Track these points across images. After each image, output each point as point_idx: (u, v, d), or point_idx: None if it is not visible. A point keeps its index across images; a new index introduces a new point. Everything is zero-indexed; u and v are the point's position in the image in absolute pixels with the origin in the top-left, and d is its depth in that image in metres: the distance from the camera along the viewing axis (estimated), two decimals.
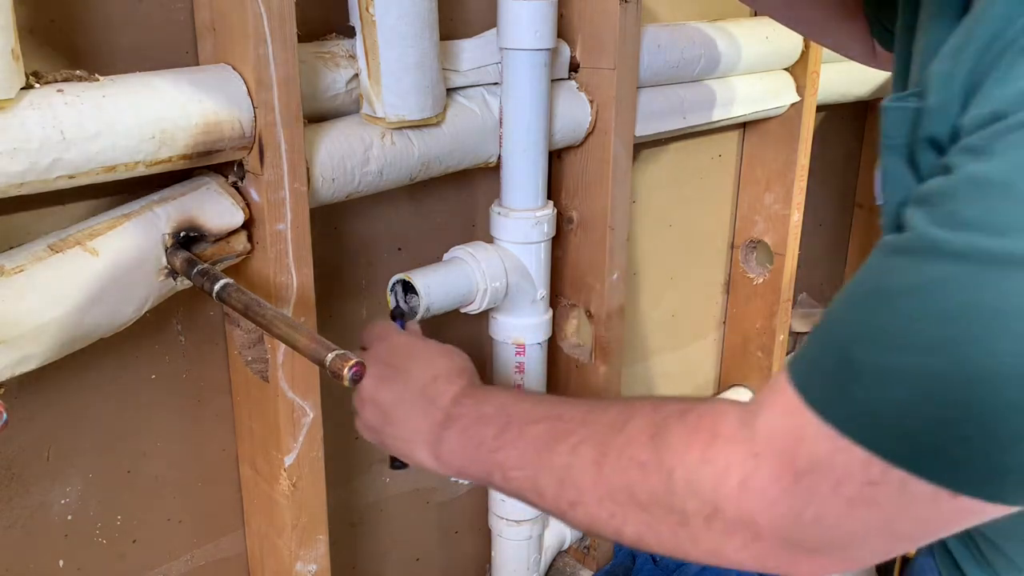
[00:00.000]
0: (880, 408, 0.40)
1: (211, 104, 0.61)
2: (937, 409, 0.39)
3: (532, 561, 1.04)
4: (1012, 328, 0.37)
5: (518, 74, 0.82)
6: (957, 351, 0.38)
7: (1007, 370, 0.37)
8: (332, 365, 0.53)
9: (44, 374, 0.61)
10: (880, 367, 0.41)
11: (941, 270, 0.39)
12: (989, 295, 0.37)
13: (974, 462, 0.39)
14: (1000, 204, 0.38)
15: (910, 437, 0.40)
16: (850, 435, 0.41)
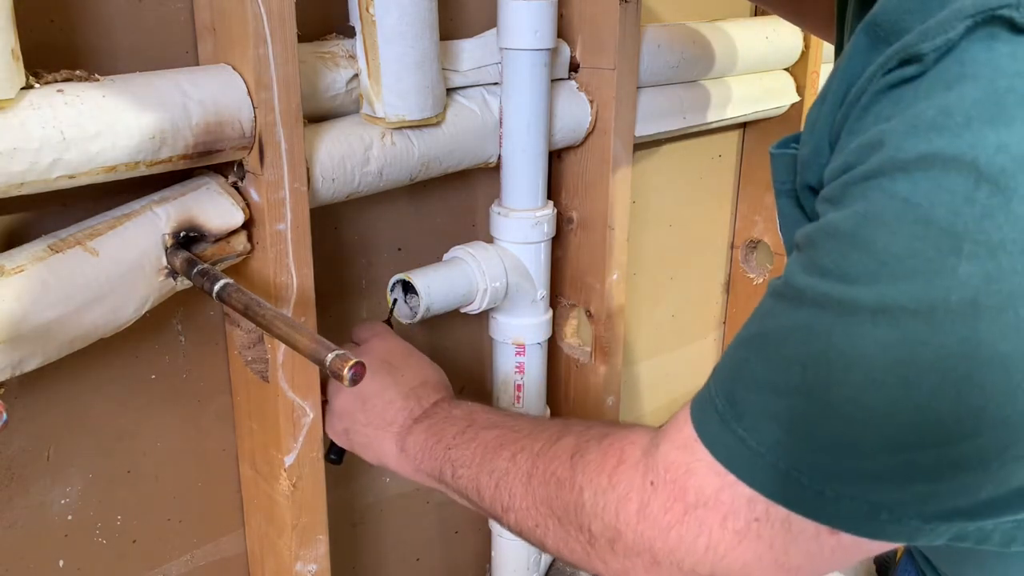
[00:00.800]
0: (758, 448, 0.43)
1: (211, 104, 0.61)
2: (808, 452, 0.41)
3: (532, 561, 1.04)
4: (858, 375, 0.39)
5: (518, 74, 0.82)
6: (820, 394, 0.40)
7: (861, 414, 0.39)
8: (332, 365, 0.53)
9: (44, 374, 0.61)
10: (757, 408, 0.43)
11: (804, 316, 0.41)
12: (841, 342, 0.39)
13: (847, 500, 0.41)
14: (849, 253, 0.40)
15: (786, 476, 0.42)
16: (734, 472, 0.44)
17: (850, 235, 0.40)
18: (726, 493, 0.44)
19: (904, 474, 0.39)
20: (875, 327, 0.38)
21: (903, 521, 0.41)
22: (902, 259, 0.37)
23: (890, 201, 0.38)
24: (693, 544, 0.45)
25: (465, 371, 1.02)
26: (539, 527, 0.55)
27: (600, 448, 0.52)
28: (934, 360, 0.37)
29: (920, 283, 0.37)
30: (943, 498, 0.40)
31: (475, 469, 0.61)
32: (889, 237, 0.38)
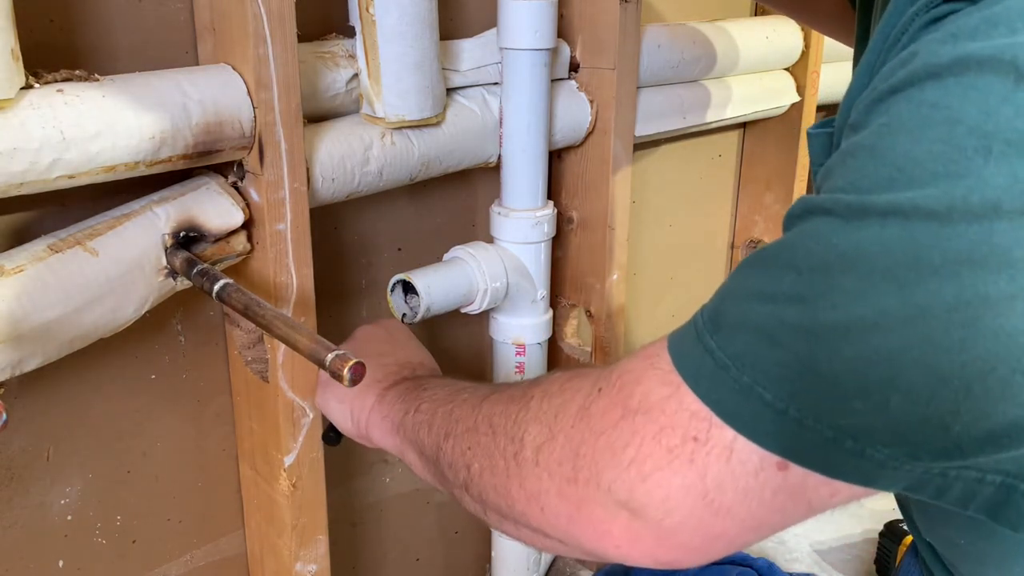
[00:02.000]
0: (724, 359, 0.39)
1: (211, 104, 0.61)
2: (775, 364, 0.38)
3: (532, 561, 1.04)
4: (852, 279, 0.36)
5: (518, 74, 0.82)
6: (808, 301, 0.37)
7: (844, 323, 0.36)
8: (332, 365, 0.52)
9: (44, 374, 0.61)
10: (736, 318, 0.40)
11: (808, 226, 0.39)
12: (842, 243, 0.37)
13: (809, 422, 0.37)
14: (865, 166, 0.38)
15: (747, 391, 0.38)
16: (687, 380, 0.40)
17: (868, 148, 0.38)
18: (671, 403, 0.40)
19: (879, 396, 0.36)
20: (883, 228, 0.36)
21: (865, 453, 0.37)
22: (922, 163, 0.35)
23: (916, 108, 0.36)
24: (619, 453, 0.41)
25: (465, 371, 1.02)
26: (471, 449, 0.51)
27: (566, 374, 0.48)
28: (940, 263, 0.34)
29: (940, 185, 0.35)
30: (915, 427, 0.36)
31: (432, 407, 0.59)
32: (911, 144, 0.36)
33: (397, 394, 0.65)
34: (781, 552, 1.28)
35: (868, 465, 0.37)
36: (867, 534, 1.30)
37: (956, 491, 0.38)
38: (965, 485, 0.38)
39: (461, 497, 0.54)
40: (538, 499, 0.45)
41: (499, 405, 0.50)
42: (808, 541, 1.30)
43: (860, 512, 1.36)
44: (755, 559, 1.14)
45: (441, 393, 0.59)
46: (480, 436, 0.50)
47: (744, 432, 0.39)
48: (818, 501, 0.40)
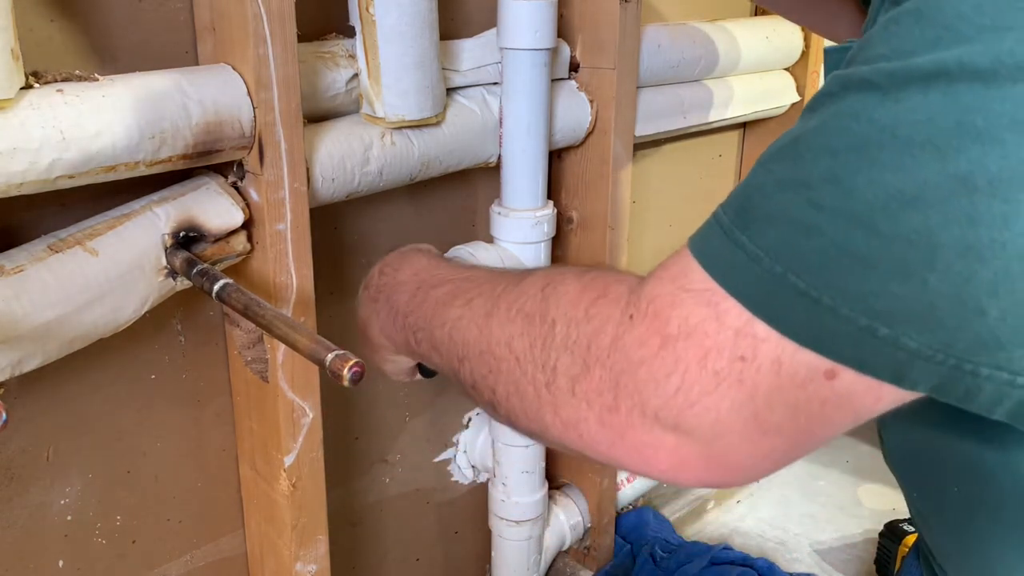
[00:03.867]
0: (757, 251, 0.37)
1: (211, 104, 0.61)
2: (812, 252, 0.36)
3: (532, 561, 1.04)
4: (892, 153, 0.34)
5: (518, 74, 0.82)
6: (845, 182, 0.35)
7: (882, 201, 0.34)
8: (332, 365, 0.52)
9: (44, 374, 0.61)
10: (769, 209, 0.37)
11: (846, 104, 0.36)
12: (883, 116, 0.34)
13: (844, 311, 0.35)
14: (909, 30, 0.35)
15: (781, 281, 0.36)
16: (721, 282, 0.38)
17: (912, 12, 0.35)
18: (712, 324, 0.38)
19: (916, 277, 0.33)
20: (926, 95, 0.33)
21: (899, 342, 0.35)
22: (969, 18, 0.33)
23: None
24: (663, 383, 0.39)
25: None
26: (492, 373, 0.48)
27: (580, 281, 0.45)
28: (983, 128, 0.32)
29: (985, 40, 0.32)
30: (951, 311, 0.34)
31: (429, 327, 0.55)
32: (960, 1, 0.33)
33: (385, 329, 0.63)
34: (781, 552, 1.28)
35: (901, 355, 0.35)
36: (867, 534, 1.30)
37: (985, 393, 0.36)
38: (995, 387, 0.36)
39: (489, 413, 0.52)
40: (576, 427, 0.44)
41: (514, 326, 0.47)
42: (808, 541, 1.30)
43: (860, 512, 1.36)
44: (755, 559, 1.14)
45: (423, 314, 0.56)
46: (500, 362, 0.47)
47: (780, 327, 0.37)
48: (864, 409, 0.38)
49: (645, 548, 1.16)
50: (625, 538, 1.19)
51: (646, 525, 1.20)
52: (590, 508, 1.11)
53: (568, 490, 1.12)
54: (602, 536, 1.13)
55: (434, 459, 1.02)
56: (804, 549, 1.28)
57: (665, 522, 1.23)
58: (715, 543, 1.17)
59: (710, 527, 1.34)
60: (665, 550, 1.15)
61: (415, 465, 1.00)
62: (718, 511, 1.37)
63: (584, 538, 1.13)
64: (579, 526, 1.11)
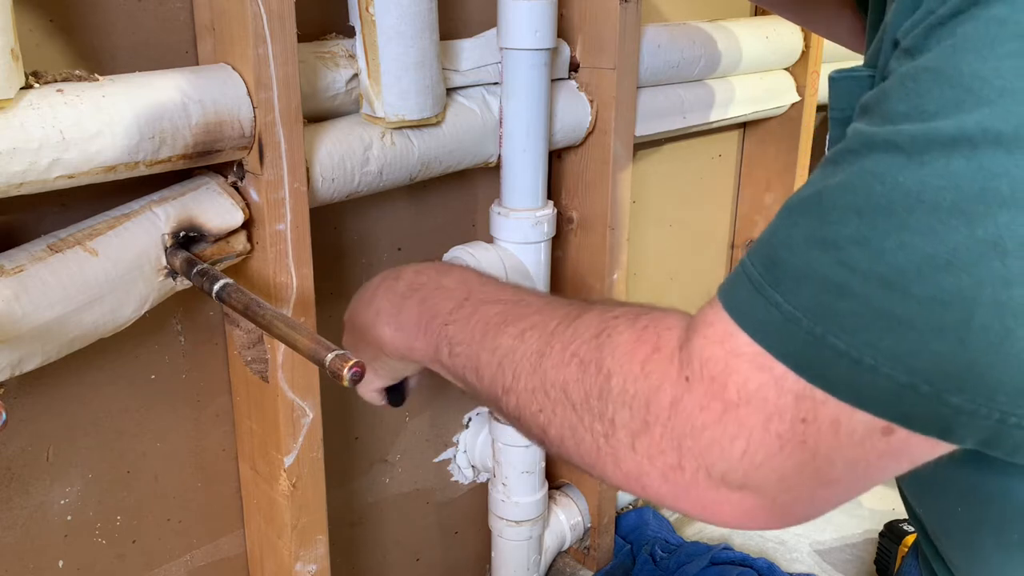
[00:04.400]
0: (793, 312, 0.38)
1: (211, 104, 0.61)
2: (848, 314, 0.36)
3: (532, 562, 1.04)
4: (920, 217, 0.35)
5: (518, 74, 0.82)
6: (874, 243, 0.36)
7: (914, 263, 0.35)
8: (332, 365, 0.52)
9: (44, 374, 0.61)
10: (798, 268, 0.38)
11: (869, 163, 0.37)
12: (908, 180, 0.35)
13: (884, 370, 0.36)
14: (930, 90, 0.36)
15: (821, 343, 0.37)
16: (762, 343, 0.39)
17: (932, 71, 0.36)
18: (771, 390, 0.39)
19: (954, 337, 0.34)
20: (949, 160, 0.34)
21: (941, 398, 0.36)
22: (990, 81, 0.34)
23: (984, 26, 0.34)
24: (728, 448, 0.40)
25: None
26: (543, 412, 0.48)
27: (633, 330, 0.45)
28: (1008, 193, 0.33)
29: (1005, 103, 0.33)
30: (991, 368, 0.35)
31: (475, 347, 0.54)
32: (978, 62, 0.34)
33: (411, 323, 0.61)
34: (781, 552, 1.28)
35: (945, 411, 0.36)
36: (867, 534, 1.30)
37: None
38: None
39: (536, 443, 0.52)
40: (638, 479, 0.44)
41: (569, 371, 0.47)
42: (808, 541, 1.30)
43: (860, 512, 1.36)
44: (755, 559, 1.14)
45: (470, 331, 0.55)
46: (554, 404, 0.48)
47: (826, 388, 0.38)
48: (921, 457, 0.40)
49: (645, 548, 1.16)
50: (625, 538, 1.19)
51: (646, 525, 1.20)
52: (590, 508, 1.11)
53: (568, 490, 1.12)
54: (602, 536, 1.13)
55: (434, 459, 1.02)
56: (804, 549, 1.28)
57: (665, 522, 1.23)
58: (715, 543, 1.17)
59: (710, 527, 1.34)
60: (665, 550, 1.15)
61: (415, 465, 1.00)
62: None
63: (584, 538, 1.13)
64: (579, 526, 1.11)
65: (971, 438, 0.37)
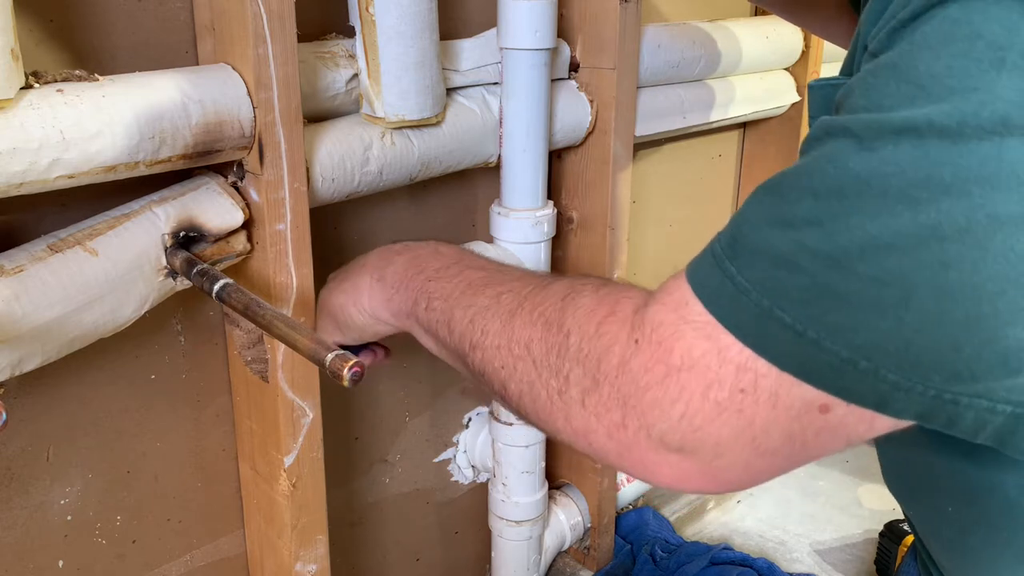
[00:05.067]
0: (745, 283, 0.40)
1: (211, 104, 0.61)
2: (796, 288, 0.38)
3: (532, 561, 1.04)
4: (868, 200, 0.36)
5: (518, 74, 0.82)
6: (826, 225, 0.38)
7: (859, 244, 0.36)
8: (332, 365, 0.52)
9: (44, 374, 0.61)
10: (755, 244, 0.40)
11: (826, 149, 0.39)
12: (857, 165, 0.37)
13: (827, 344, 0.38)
14: (887, 84, 0.38)
15: (768, 315, 0.39)
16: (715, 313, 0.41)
17: (890, 67, 0.38)
18: (713, 358, 0.40)
19: (892, 315, 0.36)
20: (896, 148, 0.36)
21: (879, 374, 0.37)
22: (940, 78, 0.36)
23: (939, 24, 0.36)
24: (668, 410, 0.42)
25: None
26: (505, 368, 0.51)
27: (596, 295, 0.48)
28: (950, 182, 0.35)
29: (954, 100, 0.35)
30: (926, 347, 0.36)
31: (451, 302, 0.57)
32: (932, 60, 0.36)
33: (396, 276, 0.63)
34: (781, 552, 1.28)
35: (883, 387, 0.38)
36: (867, 534, 1.30)
37: (967, 420, 0.38)
38: (976, 415, 0.38)
39: (497, 400, 0.55)
40: (585, 436, 0.46)
41: (534, 330, 0.50)
42: (808, 541, 1.30)
43: (860, 512, 1.36)
44: (755, 559, 1.14)
45: (451, 288, 0.58)
46: (516, 360, 0.50)
47: (770, 357, 0.39)
48: (857, 436, 0.41)
49: (645, 548, 1.16)
50: (625, 538, 1.19)
51: (646, 525, 1.20)
52: (590, 508, 1.11)
53: (568, 490, 1.12)
54: (602, 536, 1.13)
55: (434, 459, 1.02)
56: (804, 549, 1.28)
57: (665, 522, 1.23)
58: (715, 543, 1.17)
59: (710, 527, 1.34)
60: (665, 550, 1.15)
61: (415, 465, 1.00)
62: (718, 511, 1.37)
63: (584, 538, 1.13)
64: (579, 526, 1.11)
65: (907, 412, 0.39)
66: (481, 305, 0.54)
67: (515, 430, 0.95)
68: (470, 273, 0.58)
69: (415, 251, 0.64)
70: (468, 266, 0.60)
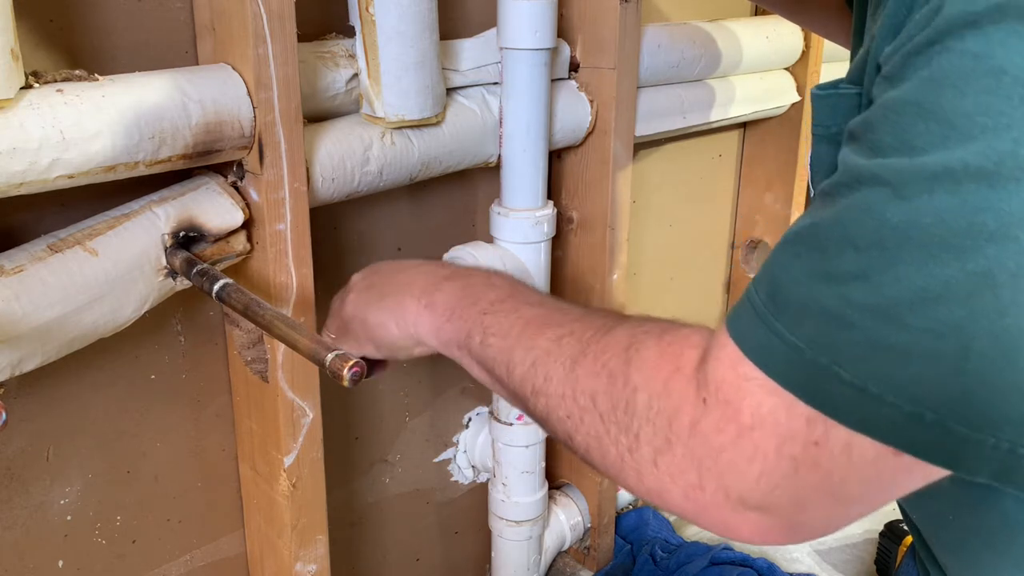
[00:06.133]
0: (796, 342, 0.39)
1: (211, 104, 0.61)
2: (850, 344, 0.37)
3: (532, 562, 1.04)
4: (912, 252, 0.36)
5: (518, 74, 0.82)
6: (873, 278, 0.37)
7: (909, 297, 0.36)
8: (332, 365, 0.52)
9: (44, 374, 0.61)
10: (801, 300, 0.39)
11: (859, 197, 0.38)
12: (896, 216, 0.36)
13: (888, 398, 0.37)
14: (913, 124, 0.37)
15: (826, 372, 0.38)
16: (767, 371, 0.40)
17: (914, 104, 0.37)
18: (782, 413, 0.40)
19: (952, 366, 0.35)
20: (932, 196, 0.35)
21: (946, 426, 0.36)
22: (971, 117, 0.35)
23: (959, 59, 0.36)
24: (746, 470, 0.41)
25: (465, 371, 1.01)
26: (571, 418, 0.49)
27: (659, 346, 0.47)
28: (995, 228, 0.34)
29: (987, 140, 0.34)
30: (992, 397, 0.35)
31: (511, 341, 0.55)
32: (958, 98, 0.35)
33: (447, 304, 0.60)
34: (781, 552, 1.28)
35: (951, 440, 0.37)
36: (867, 534, 1.30)
37: None
38: None
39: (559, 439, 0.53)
40: (660, 495, 0.45)
41: (599, 381, 0.48)
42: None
43: None
44: (755, 559, 1.14)
45: (507, 325, 0.56)
46: (582, 412, 0.49)
47: (833, 415, 0.38)
48: (935, 474, 0.40)
49: (645, 548, 1.16)
50: (625, 538, 1.19)
51: (646, 525, 1.20)
52: (590, 508, 1.11)
53: (568, 490, 1.12)
54: (602, 536, 1.13)
55: (434, 459, 1.02)
56: (804, 549, 1.28)
57: (665, 522, 1.23)
58: (715, 543, 1.17)
59: None
60: (665, 550, 1.15)
61: (415, 465, 1.00)
62: None
63: (584, 538, 1.13)
64: (579, 526, 1.11)
65: (982, 469, 0.37)
66: (542, 348, 0.53)
67: (515, 430, 0.95)
68: (527, 310, 0.56)
69: (467, 278, 0.62)
70: (524, 301, 0.58)
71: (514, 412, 0.94)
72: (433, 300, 0.61)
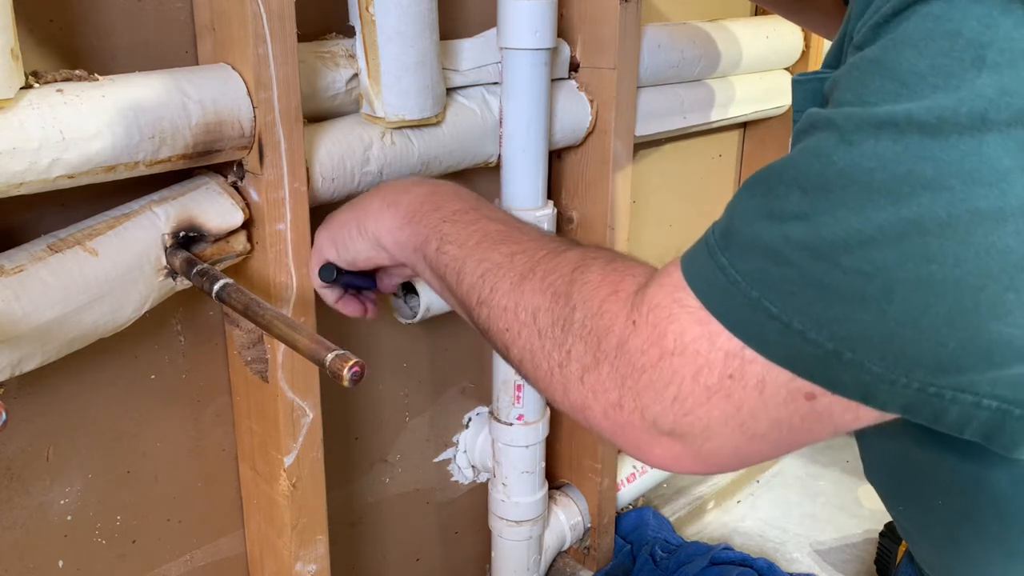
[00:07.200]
0: (736, 275, 0.41)
1: (211, 104, 0.61)
2: (784, 280, 0.39)
3: (532, 561, 1.04)
4: (852, 194, 0.37)
5: (518, 74, 0.82)
6: (814, 218, 0.38)
7: (845, 237, 0.37)
8: (332, 365, 0.52)
9: (44, 374, 0.61)
10: (746, 237, 0.41)
11: (811, 142, 0.40)
12: (841, 159, 0.38)
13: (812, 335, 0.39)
14: (871, 79, 0.38)
15: (755, 305, 0.40)
16: (704, 302, 0.42)
17: (875, 62, 0.39)
18: (704, 343, 0.42)
19: (876, 307, 0.37)
20: (877, 142, 0.37)
21: (864, 366, 0.38)
22: (923, 76, 0.36)
23: (921, 21, 0.37)
24: (662, 392, 0.43)
25: (465, 371, 1.02)
26: (510, 331, 0.51)
27: (602, 271, 0.49)
28: (932, 177, 0.36)
29: (936, 97, 0.36)
30: (910, 339, 0.37)
31: (465, 251, 0.56)
32: (915, 57, 0.37)
33: (410, 206, 0.61)
34: (781, 552, 1.28)
35: (867, 378, 0.38)
36: (867, 534, 1.30)
37: (952, 415, 0.39)
38: (961, 409, 0.39)
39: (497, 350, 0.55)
40: (583, 411, 0.47)
41: (542, 298, 0.50)
42: (808, 541, 1.30)
43: (860, 512, 1.36)
44: (755, 559, 1.14)
45: (466, 235, 0.57)
46: (521, 325, 0.51)
47: (756, 346, 0.40)
48: (843, 425, 0.42)
49: (645, 548, 1.16)
50: (625, 538, 1.19)
51: (646, 525, 1.20)
52: (590, 508, 1.11)
53: (568, 490, 1.12)
54: (602, 536, 1.13)
55: (434, 459, 1.02)
56: (804, 549, 1.28)
57: (665, 522, 1.23)
58: (715, 543, 1.17)
59: (710, 527, 1.34)
60: (665, 550, 1.15)
61: (415, 465, 1.00)
62: (718, 511, 1.37)
63: (584, 538, 1.13)
64: (579, 526, 1.11)
65: (892, 404, 0.39)
66: (494, 261, 0.54)
67: (515, 430, 0.95)
68: (487, 224, 0.58)
69: (434, 187, 0.63)
70: (486, 216, 0.59)
71: (514, 412, 0.94)
72: (397, 200, 0.62)
